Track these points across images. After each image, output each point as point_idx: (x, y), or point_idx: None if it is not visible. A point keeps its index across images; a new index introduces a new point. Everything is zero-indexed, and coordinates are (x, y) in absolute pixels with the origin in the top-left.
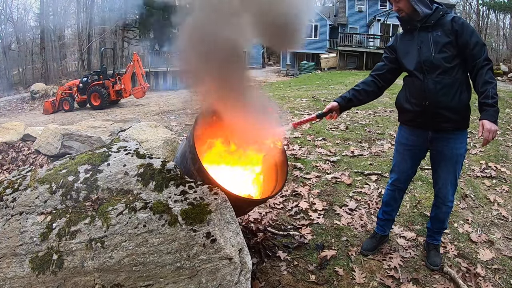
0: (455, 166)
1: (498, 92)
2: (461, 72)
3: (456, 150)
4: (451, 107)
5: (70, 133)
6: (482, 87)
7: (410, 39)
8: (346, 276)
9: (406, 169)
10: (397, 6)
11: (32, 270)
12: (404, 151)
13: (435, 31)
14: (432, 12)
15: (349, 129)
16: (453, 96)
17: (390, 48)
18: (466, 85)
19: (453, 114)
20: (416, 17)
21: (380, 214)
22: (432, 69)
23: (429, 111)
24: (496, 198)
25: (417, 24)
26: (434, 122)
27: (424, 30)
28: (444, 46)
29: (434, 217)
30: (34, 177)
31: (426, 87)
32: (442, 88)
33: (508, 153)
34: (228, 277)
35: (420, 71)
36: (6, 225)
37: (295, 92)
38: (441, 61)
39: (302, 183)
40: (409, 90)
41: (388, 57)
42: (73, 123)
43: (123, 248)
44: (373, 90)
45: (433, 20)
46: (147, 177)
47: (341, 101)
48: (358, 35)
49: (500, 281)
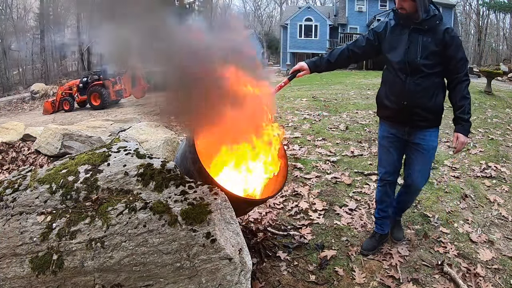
0: (429, 158)
1: (498, 92)
2: (439, 77)
3: (431, 142)
4: (427, 108)
5: (70, 133)
6: (460, 102)
7: (399, 34)
8: (346, 276)
9: (393, 160)
10: (400, 4)
11: (32, 270)
12: (388, 144)
13: (426, 36)
14: (428, 17)
15: (349, 129)
16: (430, 98)
17: (377, 34)
18: (442, 88)
19: (429, 114)
20: (414, 19)
21: (376, 213)
22: (415, 72)
23: (406, 110)
24: (496, 198)
25: (411, 24)
26: (411, 120)
27: (416, 32)
28: (431, 53)
29: (403, 200)
30: (34, 177)
31: (406, 88)
32: (421, 91)
33: (508, 153)
34: (228, 277)
35: (403, 71)
36: (6, 225)
37: (295, 92)
38: (425, 66)
39: (302, 183)
40: (389, 87)
41: (371, 42)
42: (73, 123)
43: (123, 248)
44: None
45: (427, 25)
46: (147, 177)
47: (311, 65)
48: (358, 35)
49: (500, 281)
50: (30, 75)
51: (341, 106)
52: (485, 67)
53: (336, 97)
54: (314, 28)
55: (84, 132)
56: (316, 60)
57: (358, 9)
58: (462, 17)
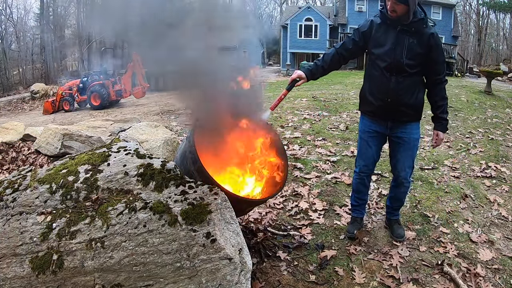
0: (412, 150)
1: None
2: (420, 76)
3: (413, 135)
4: (409, 104)
5: (70, 133)
6: (440, 102)
7: (385, 32)
8: (346, 276)
9: (371, 154)
10: (393, 7)
11: (32, 270)
12: (368, 138)
13: (412, 38)
14: (416, 20)
15: (349, 129)
16: (411, 95)
17: (363, 34)
18: (422, 86)
19: (411, 110)
20: (404, 21)
21: (353, 200)
22: (399, 71)
23: (389, 107)
24: (496, 198)
25: (398, 25)
26: (394, 115)
27: (402, 33)
28: (415, 55)
29: (393, 196)
30: (34, 177)
31: (391, 86)
32: (403, 88)
33: (508, 153)
34: (228, 277)
35: (389, 70)
36: (6, 225)
37: (295, 92)
38: (408, 66)
39: (302, 183)
40: (374, 84)
41: (357, 43)
42: (73, 123)
43: (123, 248)
44: (336, 67)
45: (414, 28)
46: (147, 177)
47: (308, 73)
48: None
49: (500, 281)
50: (30, 75)
51: (341, 106)
52: (485, 67)
53: (336, 97)
54: (314, 28)
55: (84, 132)
56: (312, 68)
57: (358, 9)
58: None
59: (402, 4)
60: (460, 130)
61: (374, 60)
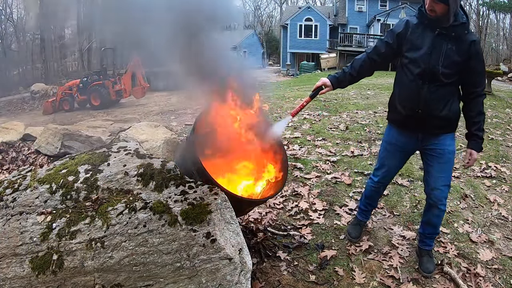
0: (447, 164)
1: (498, 92)
2: (455, 86)
3: (447, 147)
4: (442, 116)
5: (70, 133)
6: (477, 117)
7: (421, 35)
8: (346, 276)
9: (394, 166)
10: (432, 6)
11: (32, 270)
12: (394, 151)
13: (451, 44)
14: (457, 24)
15: (349, 129)
16: (444, 106)
17: (397, 35)
18: (457, 95)
19: (443, 122)
20: (444, 23)
21: (362, 205)
22: (433, 79)
23: (420, 118)
24: (496, 198)
25: (437, 28)
26: (424, 127)
27: (440, 36)
28: (453, 63)
29: (426, 222)
30: (34, 177)
31: (422, 95)
32: (436, 98)
33: (508, 153)
34: (228, 277)
35: (422, 77)
36: (6, 225)
37: (295, 92)
38: (444, 76)
39: (302, 183)
40: (404, 91)
41: (391, 46)
42: (73, 123)
43: (123, 248)
44: (367, 74)
45: (455, 32)
46: (147, 177)
47: (334, 81)
48: (358, 35)
49: (500, 281)
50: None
51: (341, 106)
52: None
53: (336, 97)
54: (314, 28)
55: (84, 132)
56: (339, 76)
57: (358, 9)
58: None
59: (441, 3)
60: (459, 130)
61: (407, 64)
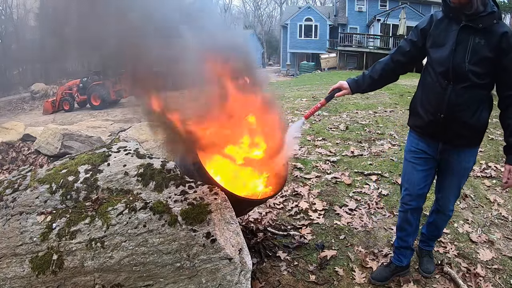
0: (461, 179)
1: None
2: (487, 90)
3: (465, 163)
4: (468, 124)
5: (70, 133)
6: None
7: (446, 29)
8: (346, 276)
9: (417, 180)
10: None
11: (32, 270)
12: (413, 159)
13: (478, 37)
14: (485, 13)
15: (349, 129)
16: (473, 113)
17: (422, 31)
18: (488, 103)
19: (468, 132)
20: (467, 10)
21: (395, 241)
22: (460, 79)
23: (442, 124)
24: (496, 198)
25: (462, 18)
26: (446, 136)
27: (466, 30)
28: (482, 59)
29: (431, 223)
30: (34, 177)
31: (446, 97)
32: (463, 103)
33: None
34: (228, 277)
35: (445, 77)
36: (6, 225)
37: (295, 92)
38: (473, 74)
39: (302, 183)
40: (426, 94)
41: (416, 44)
42: (73, 123)
43: (123, 248)
44: (390, 78)
45: (482, 24)
46: (147, 177)
47: (352, 84)
48: (358, 35)
49: (500, 281)
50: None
51: (341, 106)
52: None
53: None
54: (314, 28)
55: (84, 132)
56: (358, 79)
57: (358, 9)
58: None
59: None
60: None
61: (430, 63)
